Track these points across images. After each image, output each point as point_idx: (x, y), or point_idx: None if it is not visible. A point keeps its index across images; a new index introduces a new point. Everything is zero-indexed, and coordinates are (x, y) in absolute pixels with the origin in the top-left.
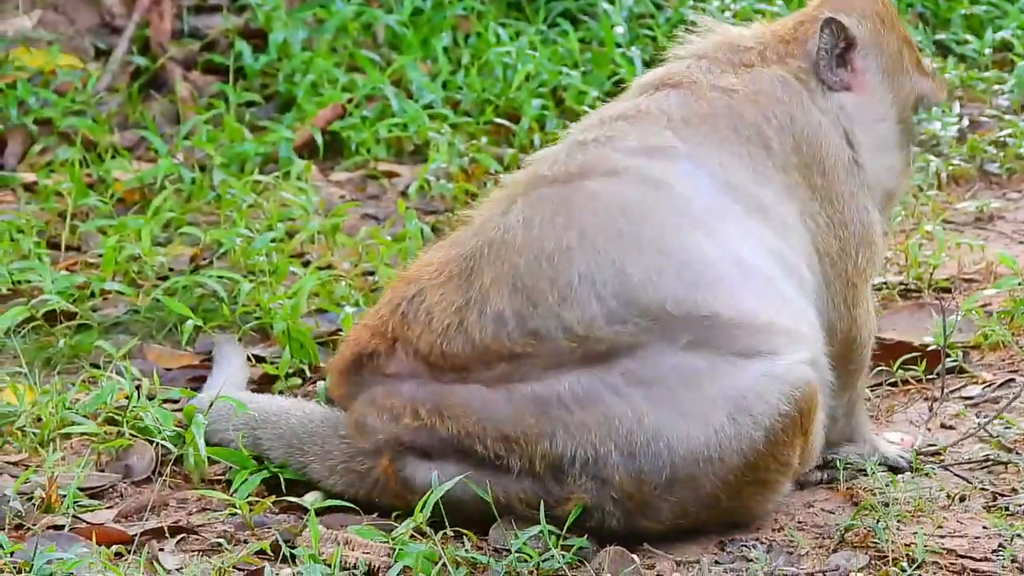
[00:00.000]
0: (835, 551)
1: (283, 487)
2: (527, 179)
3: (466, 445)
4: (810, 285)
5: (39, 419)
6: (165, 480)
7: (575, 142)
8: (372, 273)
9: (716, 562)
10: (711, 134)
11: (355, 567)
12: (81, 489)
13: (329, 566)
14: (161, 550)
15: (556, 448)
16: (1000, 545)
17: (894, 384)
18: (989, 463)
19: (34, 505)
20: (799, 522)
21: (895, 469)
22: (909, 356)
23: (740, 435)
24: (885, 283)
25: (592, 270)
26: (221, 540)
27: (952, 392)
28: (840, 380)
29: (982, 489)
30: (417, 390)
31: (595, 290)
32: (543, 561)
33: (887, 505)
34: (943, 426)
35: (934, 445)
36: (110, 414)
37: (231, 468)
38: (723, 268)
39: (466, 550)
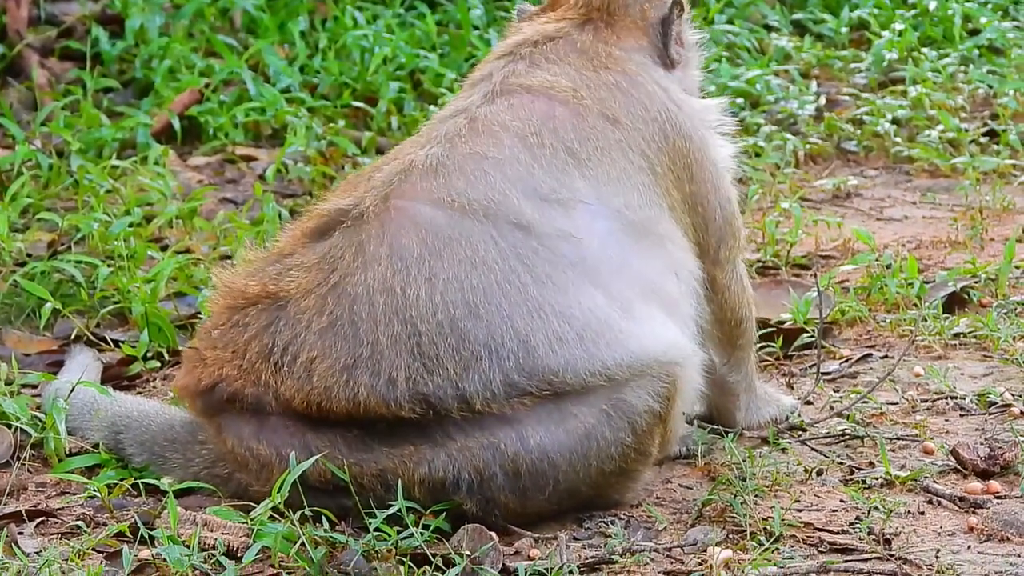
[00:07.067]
0: (693, 526)
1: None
2: (406, 178)
3: (342, 484)
4: (691, 307)
5: None
6: (24, 464)
7: (463, 152)
8: (230, 257)
9: (574, 538)
10: (611, 169)
11: (214, 548)
12: None
13: (188, 547)
14: (20, 534)
15: (436, 472)
16: (857, 518)
17: None
18: (846, 437)
19: None
20: (657, 498)
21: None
22: (766, 332)
23: (616, 439)
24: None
25: (497, 340)
26: (80, 523)
27: (810, 367)
28: (732, 359)
29: (839, 463)
30: (283, 434)
31: (499, 362)
32: (402, 539)
33: (744, 480)
34: (802, 401)
35: (791, 420)
36: None
37: (90, 452)
38: (623, 325)
39: (325, 529)
